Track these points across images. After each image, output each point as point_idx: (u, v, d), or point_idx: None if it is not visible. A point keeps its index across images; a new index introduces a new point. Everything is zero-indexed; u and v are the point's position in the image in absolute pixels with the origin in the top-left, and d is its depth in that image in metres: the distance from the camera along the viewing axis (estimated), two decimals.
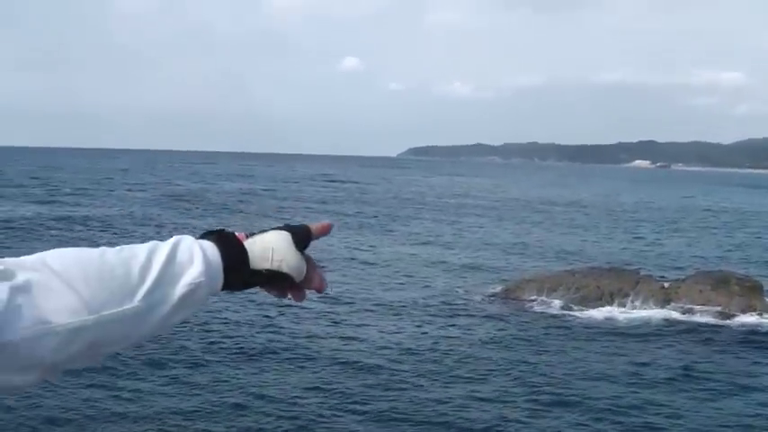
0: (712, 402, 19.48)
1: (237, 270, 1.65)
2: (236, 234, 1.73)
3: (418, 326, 27.45)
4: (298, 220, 1.91)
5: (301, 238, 1.75)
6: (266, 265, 1.68)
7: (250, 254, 1.67)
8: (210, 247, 1.62)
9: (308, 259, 1.76)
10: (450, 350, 24.12)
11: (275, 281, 1.72)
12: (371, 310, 29.73)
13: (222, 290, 1.65)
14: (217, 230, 1.74)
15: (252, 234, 1.76)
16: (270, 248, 1.69)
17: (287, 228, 1.76)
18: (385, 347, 23.82)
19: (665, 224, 74.25)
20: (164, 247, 1.56)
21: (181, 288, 1.53)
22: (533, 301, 32.32)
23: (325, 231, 1.83)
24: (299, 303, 1.92)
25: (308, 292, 1.81)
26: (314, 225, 1.80)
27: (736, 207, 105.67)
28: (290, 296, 1.82)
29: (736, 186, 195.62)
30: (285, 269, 1.69)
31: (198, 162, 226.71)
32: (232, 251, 1.65)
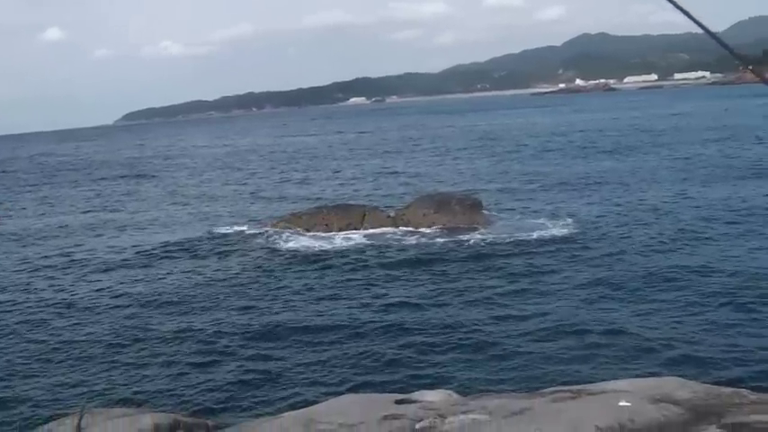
0: (441, 313, 21.10)
1: None
2: None
3: (166, 270, 29.47)
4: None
5: None
6: None
7: None
8: None
9: None
10: (196, 285, 25.99)
11: None
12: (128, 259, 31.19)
13: None
14: None
15: None
16: None
17: None
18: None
19: (381, 157, 78.15)
20: None
21: None
22: (270, 240, 33.10)
23: None
24: None
25: None
26: None
27: (447, 132, 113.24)
28: None
29: (445, 114, 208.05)
30: None
31: None
32: None
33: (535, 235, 30.83)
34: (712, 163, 50.77)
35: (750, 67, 3.09)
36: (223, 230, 37.14)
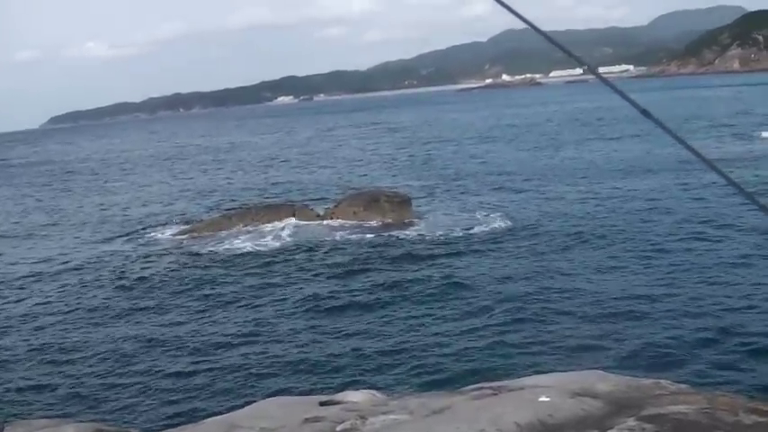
0: (370, 315, 21.12)
1: None
2: None
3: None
4: None
5: None
6: None
7: None
8: None
9: None
10: (119, 292, 25.49)
11: None
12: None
13: None
14: None
15: None
16: None
17: None
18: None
19: (307, 154, 77.94)
20: None
21: None
22: (197, 242, 32.60)
23: None
24: None
25: None
26: None
27: (374, 129, 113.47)
28: None
29: (371, 110, 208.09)
30: None
31: None
32: None
33: (464, 231, 31.04)
34: (633, 156, 51.83)
35: (586, 66, 3.37)
36: (148, 234, 36.62)
